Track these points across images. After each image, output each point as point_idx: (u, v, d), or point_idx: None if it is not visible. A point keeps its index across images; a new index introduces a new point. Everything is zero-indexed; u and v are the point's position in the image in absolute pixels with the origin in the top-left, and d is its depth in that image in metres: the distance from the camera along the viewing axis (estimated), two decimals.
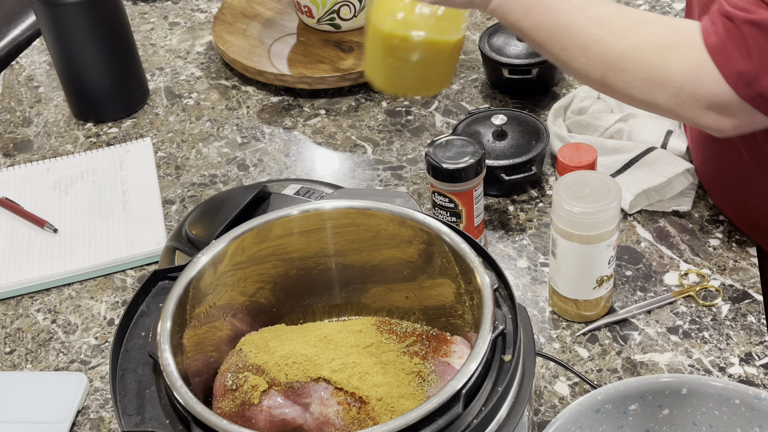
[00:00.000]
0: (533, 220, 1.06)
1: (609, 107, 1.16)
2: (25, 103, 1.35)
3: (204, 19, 1.51)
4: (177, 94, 1.33)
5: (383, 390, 0.68)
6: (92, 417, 0.89)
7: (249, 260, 0.76)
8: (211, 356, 0.74)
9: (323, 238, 0.78)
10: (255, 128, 1.25)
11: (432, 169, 0.94)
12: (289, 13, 1.43)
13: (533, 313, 0.94)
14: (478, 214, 0.97)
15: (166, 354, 0.64)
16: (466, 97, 1.27)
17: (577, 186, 0.85)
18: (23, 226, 1.11)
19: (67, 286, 1.04)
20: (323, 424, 0.68)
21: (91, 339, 0.97)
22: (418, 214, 0.74)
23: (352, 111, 1.27)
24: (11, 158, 1.24)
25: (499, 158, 1.06)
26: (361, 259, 0.79)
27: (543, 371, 0.88)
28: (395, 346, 0.73)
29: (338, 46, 1.34)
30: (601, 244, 0.85)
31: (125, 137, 1.26)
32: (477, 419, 0.60)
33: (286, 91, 1.32)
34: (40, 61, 1.45)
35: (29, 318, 1.00)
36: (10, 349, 0.97)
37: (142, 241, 1.06)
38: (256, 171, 1.18)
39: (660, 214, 1.04)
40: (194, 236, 0.90)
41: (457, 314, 0.75)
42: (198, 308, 0.72)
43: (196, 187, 1.16)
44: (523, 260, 1.01)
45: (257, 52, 1.34)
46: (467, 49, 1.36)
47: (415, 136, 1.21)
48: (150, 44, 1.45)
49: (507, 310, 0.68)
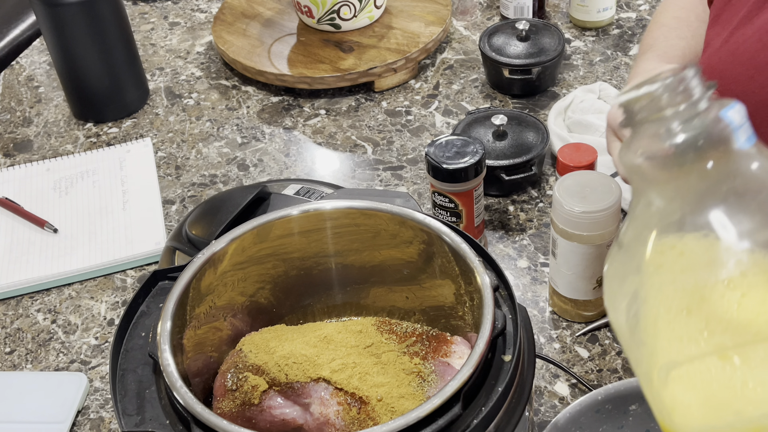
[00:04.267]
0: (533, 220, 1.06)
1: (609, 107, 1.16)
2: (25, 103, 1.35)
3: (204, 19, 1.51)
4: (177, 94, 1.33)
5: (383, 390, 0.68)
6: (92, 417, 0.89)
7: (249, 260, 0.76)
8: (211, 356, 0.74)
9: (323, 238, 0.77)
10: (255, 128, 1.25)
11: (432, 169, 0.94)
12: (289, 13, 1.43)
13: (533, 313, 0.94)
14: (478, 214, 0.97)
15: (166, 354, 0.64)
16: (466, 97, 1.27)
17: (577, 186, 0.85)
18: (23, 226, 1.11)
19: (67, 286, 1.04)
20: (323, 425, 0.68)
21: (91, 339, 0.97)
22: (418, 214, 0.74)
23: (352, 111, 1.27)
24: (11, 158, 1.24)
25: (499, 158, 1.06)
26: (361, 259, 0.79)
27: (543, 371, 0.88)
28: (395, 346, 0.73)
29: (338, 46, 1.34)
30: (601, 244, 0.85)
31: (125, 137, 1.26)
32: (477, 419, 0.60)
33: (286, 91, 1.32)
34: (40, 61, 1.45)
35: (29, 318, 1.00)
36: (10, 349, 0.97)
37: (142, 241, 1.06)
38: (256, 171, 1.18)
39: None
40: (194, 236, 0.90)
41: (457, 314, 0.75)
42: (198, 308, 0.72)
43: (196, 187, 1.16)
44: (523, 260, 1.01)
45: (257, 52, 1.34)
46: (467, 49, 1.36)
47: (415, 136, 1.21)
48: (150, 44, 1.45)
49: (507, 310, 0.68)
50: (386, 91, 1.30)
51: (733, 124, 0.45)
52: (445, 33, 1.36)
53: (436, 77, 1.31)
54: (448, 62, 1.34)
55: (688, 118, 0.46)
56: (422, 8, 1.40)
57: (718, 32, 0.68)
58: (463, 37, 1.40)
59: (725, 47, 0.65)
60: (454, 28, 1.42)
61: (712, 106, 0.46)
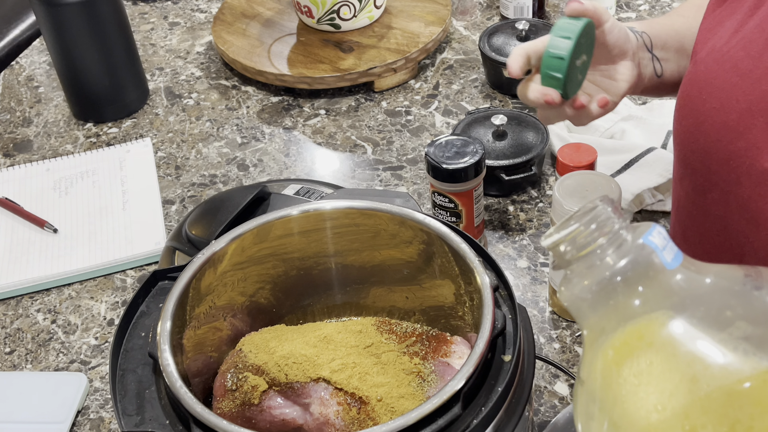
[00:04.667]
0: (533, 220, 1.06)
1: None
2: (25, 103, 1.35)
3: (204, 19, 1.51)
4: (177, 94, 1.33)
5: (383, 390, 0.68)
6: (92, 417, 0.89)
7: (249, 260, 0.76)
8: (211, 356, 0.74)
9: (323, 238, 0.77)
10: (255, 128, 1.25)
11: (432, 169, 0.94)
12: (289, 13, 1.43)
13: (533, 313, 0.94)
14: (478, 214, 0.97)
15: (166, 354, 0.64)
16: (466, 97, 1.27)
17: (577, 186, 0.85)
18: (23, 226, 1.11)
19: (67, 286, 1.04)
20: (323, 425, 0.68)
21: (91, 339, 0.97)
22: (418, 214, 0.74)
23: (352, 111, 1.27)
24: (11, 158, 1.24)
25: (499, 158, 1.06)
26: (361, 259, 0.79)
27: (543, 371, 0.88)
28: (395, 346, 0.73)
29: (338, 46, 1.34)
30: None
31: (125, 137, 1.26)
32: (477, 419, 0.60)
33: (286, 91, 1.32)
34: (40, 61, 1.45)
35: (29, 318, 1.00)
36: (10, 349, 0.97)
37: (142, 241, 1.06)
38: (256, 171, 1.18)
39: (660, 214, 1.04)
40: (194, 236, 0.90)
41: (457, 314, 0.75)
42: (198, 308, 0.72)
43: (196, 187, 1.16)
44: (523, 260, 1.01)
45: (257, 52, 1.34)
46: (467, 49, 1.36)
47: (415, 136, 1.21)
48: (150, 44, 1.45)
49: (507, 310, 0.68)
50: (386, 91, 1.30)
51: (657, 248, 0.47)
52: (445, 33, 1.36)
53: (436, 77, 1.31)
54: (448, 62, 1.34)
55: (612, 250, 0.48)
56: (422, 8, 1.40)
57: (706, 43, 0.69)
58: (463, 37, 1.40)
59: (711, 56, 0.66)
60: (453, 28, 1.42)
61: (633, 235, 0.48)
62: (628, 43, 0.78)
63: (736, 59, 0.63)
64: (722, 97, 0.63)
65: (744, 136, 0.61)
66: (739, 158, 0.62)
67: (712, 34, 0.67)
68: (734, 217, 0.63)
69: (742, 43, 0.63)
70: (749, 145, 0.61)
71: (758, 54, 0.62)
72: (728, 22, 0.66)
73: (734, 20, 0.66)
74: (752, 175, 0.61)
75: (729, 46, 0.64)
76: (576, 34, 0.71)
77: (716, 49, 0.65)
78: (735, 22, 0.65)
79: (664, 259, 0.47)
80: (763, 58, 0.61)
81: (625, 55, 0.78)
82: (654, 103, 1.18)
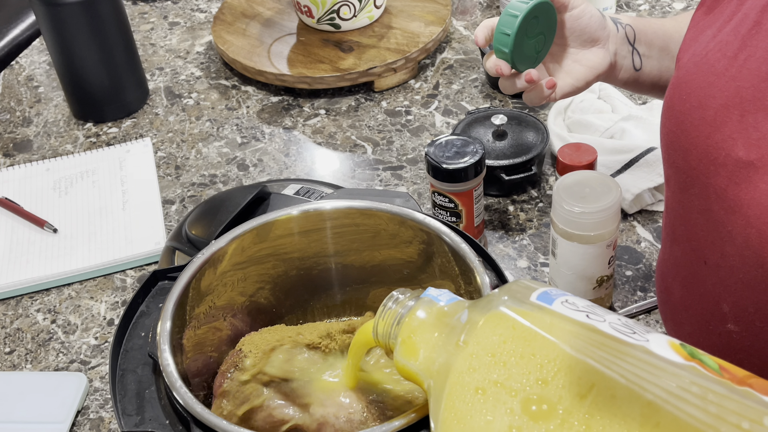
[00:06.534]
0: (533, 220, 1.06)
1: (609, 107, 1.16)
2: (25, 103, 1.35)
3: (204, 19, 1.51)
4: (177, 94, 1.33)
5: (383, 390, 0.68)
6: (92, 417, 0.89)
7: (249, 260, 0.76)
8: (211, 356, 0.74)
9: (323, 238, 0.78)
10: (255, 128, 1.25)
11: (432, 169, 0.94)
12: (289, 13, 1.43)
13: None
14: (478, 214, 0.97)
15: (165, 354, 0.64)
16: (466, 97, 1.27)
17: (577, 186, 0.85)
18: (23, 226, 1.11)
19: (67, 286, 1.04)
20: (323, 425, 0.68)
21: (90, 339, 0.97)
22: (418, 214, 0.74)
23: (351, 111, 1.27)
24: (11, 158, 1.24)
25: (499, 158, 1.06)
26: (361, 259, 0.79)
27: None
28: None
29: (338, 46, 1.34)
30: (601, 244, 0.85)
31: (125, 137, 1.26)
32: None
33: (286, 91, 1.32)
34: (40, 61, 1.45)
35: (29, 318, 1.00)
36: (10, 349, 0.97)
37: (142, 241, 1.06)
38: (256, 171, 1.18)
39: (660, 214, 1.04)
40: (194, 236, 0.90)
41: None
42: (198, 308, 0.72)
43: (196, 187, 1.16)
44: (523, 260, 1.01)
45: (257, 52, 1.34)
46: (467, 49, 1.36)
47: (415, 136, 1.21)
48: (150, 44, 1.45)
49: None
50: (386, 91, 1.30)
51: (431, 296, 0.57)
52: (445, 33, 1.36)
53: (436, 77, 1.31)
54: (448, 62, 1.34)
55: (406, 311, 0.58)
56: (422, 8, 1.40)
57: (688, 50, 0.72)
58: (463, 37, 1.40)
59: (691, 60, 0.69)
60: (453, 28, 1.42)
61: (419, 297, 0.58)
62: (602, 31, 0.83)
63: (713, 60, 0.66)
64: (700, 95, 0.66)
65: (720, 130, 0.64)
66: (716, 150, 0.64)
67: (694, 42, 0.71)
68: (714, 207, 0.65)
69: (719, 46, 0.66)
70: (725, 137, 0.63)
71: (733, 54, 0.64)
72: (709, 30, 0.70)
73: (714, 28, 0.68)
74: (728, 165, 0.63)
75: (707, 50, 0.67)
76: (524, 12, 0.77)
77: (696, 54, 0.69)
78: (714, 30, 0.68)
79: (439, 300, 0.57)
80: (738, 57, 0.64)
81: (596, 42, 0.83)
82: (654, 103, 1.18)
